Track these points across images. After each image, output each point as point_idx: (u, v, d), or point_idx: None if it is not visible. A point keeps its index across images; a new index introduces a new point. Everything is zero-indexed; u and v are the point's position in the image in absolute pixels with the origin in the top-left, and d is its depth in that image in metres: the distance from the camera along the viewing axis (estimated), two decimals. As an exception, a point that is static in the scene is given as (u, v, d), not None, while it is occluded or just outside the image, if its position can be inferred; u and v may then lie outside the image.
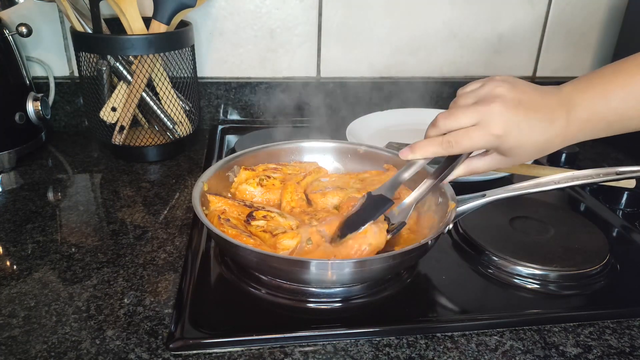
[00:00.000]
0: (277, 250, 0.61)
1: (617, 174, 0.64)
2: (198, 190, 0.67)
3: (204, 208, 0.66)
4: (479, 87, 0.58)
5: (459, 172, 0.63)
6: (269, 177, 0.75)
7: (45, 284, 0.62)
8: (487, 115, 0.55)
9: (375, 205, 0.63)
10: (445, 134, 0.59)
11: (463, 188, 0.70)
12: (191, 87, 0.99)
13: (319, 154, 0.84)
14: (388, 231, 0.62)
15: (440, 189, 0.68)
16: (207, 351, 0.53)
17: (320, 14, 1.10)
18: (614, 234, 0.78)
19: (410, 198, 0.64)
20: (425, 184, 0.63)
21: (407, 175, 0.64)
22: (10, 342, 0.53)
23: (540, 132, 0.56)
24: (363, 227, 0.60)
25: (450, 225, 0.62)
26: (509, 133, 0.55)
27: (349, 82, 1.16)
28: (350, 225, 0.62)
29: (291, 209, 0.70)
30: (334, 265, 0.56)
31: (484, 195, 0.66)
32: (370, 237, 0.59)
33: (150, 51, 0.88)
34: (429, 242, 0.59)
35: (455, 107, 0.59)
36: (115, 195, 0.84)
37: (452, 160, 0.62)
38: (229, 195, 0.73)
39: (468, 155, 0.62)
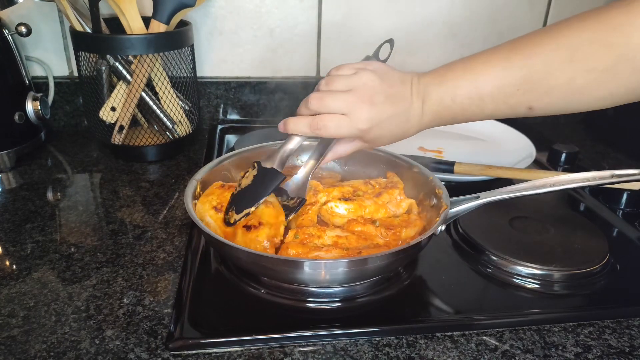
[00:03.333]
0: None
1: (613, 177, 0.64)
2: (191, 189, 0.68)
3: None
4: (352, 74, 0.63)
5: (328, 157, 0.69)
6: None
7: (44, 284, 0.62)
8: (356, 109, 0.61)
9: (268, 179, 0.65)
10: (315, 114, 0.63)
11: (460, 189, 0.70)
12: (191, 87, 0.99)
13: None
14: (288, 207, 0.66)
15: (435, 191, 0.70)
16: (207, 351, 0.53)
17: (320, 14, 1.10)
18: (614, 234, 0.78)
19: (301, 174, 0.69)
20: (309, 164, 0.70)
21: (291, 146, 0.67)
22: (9, 342, 0.53)
23: (398, 126, 0.63)
24: (258, 203, 0.64)
25: (443, 227, 0.62)
26: (372, 128, 0.62)
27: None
28: (245, 200, 0.65)
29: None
30: (327, 265, 0.56)
31: (477, 197, 0.66)
32: (266, 217, 0.63)
33: (149, 51, 0.88)
34: (421, 242, 0.59)
35: (327, 91, 0.63)
36: (114, 195, 0.84)
37: (326, 141, 0.69)
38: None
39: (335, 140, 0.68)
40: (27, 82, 0.98)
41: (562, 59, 0.55)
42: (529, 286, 0.65)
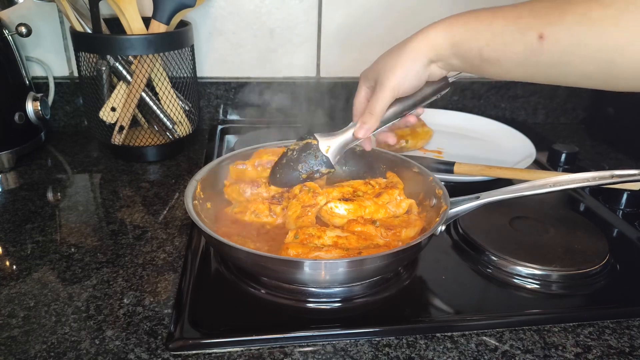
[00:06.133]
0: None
1: (613, 177, 0.64)
2: (191, 189, 0.68)
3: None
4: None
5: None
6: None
7: (44, 284, 0.62)
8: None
9: (317, 163, 0.72)
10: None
11: (460, 189, 0.70)
12: (191, 87, 0.99)
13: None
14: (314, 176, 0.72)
15: (435, 191, 0.70)
16: (207, 351, 0.53)
17: (320, 14, 1.10)
18: (614, 234, 0.78)
19: (338, 141, 0.72)
20: (348, 132, 0.72)
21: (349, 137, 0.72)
22: (9, 342, 0.53)
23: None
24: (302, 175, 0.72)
25: (443, 227, 0.63)
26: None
27: (348, 82, 1.15)
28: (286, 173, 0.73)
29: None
30: (327, 265, 0.56)
31: (477, 197, 0.66)
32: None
33: (149, 51, 0.88)
34: (421, 242, 0.59)
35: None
36: (114, 195, 0.84)
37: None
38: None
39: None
40: (27, 82, 0.98)
41: None
42: (529, 286, 0.65)
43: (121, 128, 0.93)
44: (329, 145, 0.72)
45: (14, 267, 0.65)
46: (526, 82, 1.20)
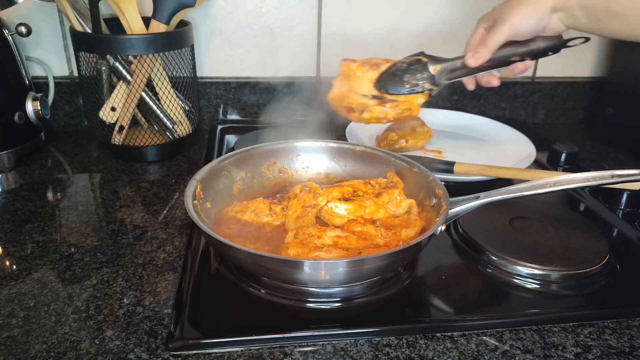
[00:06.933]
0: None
1: (613, 177, 0.64)
2: (191, 189, 0.68)
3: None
4: None
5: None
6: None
7: (44, 284, 0.62)
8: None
9: (420, 71, 0.77)
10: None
11: (460, 189, 0.70)
12: (191, 87, 0.99)
13: (316, 154, 0.84)
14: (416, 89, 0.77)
15: (435, 191, 0.69)
16: (207, 351, 0.53)
17: (320, 14, 1.10)
18: (614, 234, 0.78)
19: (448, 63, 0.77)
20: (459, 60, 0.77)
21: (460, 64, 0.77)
22: (9, 342, 0.53)
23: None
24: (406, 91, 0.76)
25: (443, 227, 0.63)
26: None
27: (348, 82, 1.16)
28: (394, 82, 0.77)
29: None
30: (327, 265, 0.56)
31: (477, 197, 0.66)
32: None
33: (149, 51, 0.88)
34: (421, 242, 0.59)
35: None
36: (114, 195, 0.84)
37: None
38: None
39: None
40: (27, 82, 0.98)
41: None
42: (529, 286, 0.65)
43: (121, 128, 0.93)
44: (437, 66, 0.78)
45: (14, 267, 0.65)
46: (526, 82, 1.21)
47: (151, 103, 0.94)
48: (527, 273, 0.66)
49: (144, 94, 0.93)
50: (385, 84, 0.78)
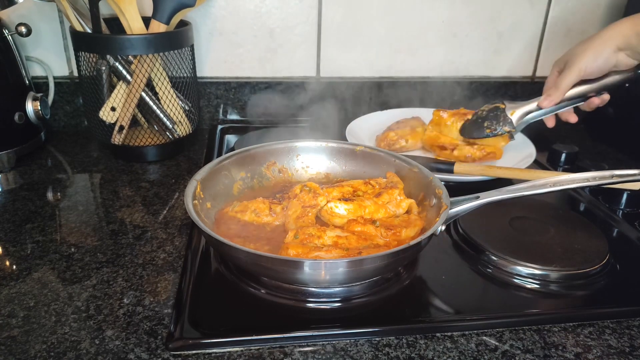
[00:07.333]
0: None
1: (613, 177, 0.64)
2: (191, 189, 0.68)
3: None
4: None
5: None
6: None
7: (44, 284, 0.62)
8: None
9: (499, 117, 0.89)
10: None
11: (460, 189, 0.70)
12: (191, 87, 0.99)
13: (316, 154, 0.84)
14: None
15: (435, 191, 0.69)
16: (207, 351, 0.53)
17: (320, 14, 1.10)
18: (614, 234, 0.78)
19: (522, 110, 0.88)
20: (531, 105, 0.88)
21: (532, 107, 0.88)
22: (9, 342, 0.53)
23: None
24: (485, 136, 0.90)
25: (443, 227, 0.62)
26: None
27: (348, 82, 1.16)
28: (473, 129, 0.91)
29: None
30: (327, 265, 0.56)
31: (477, 198, 0.66)
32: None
33: (149, 51, 0.88)
34: (421, 242, 0.59)
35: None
36: (114, 195, 0.84)
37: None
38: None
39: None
40: (27, 82, 0.98)
41: None
42: (528, 286, 0.65)
43: (121, 128, 0.93)
44: (514, 110, 0.89)
45: (14, 267, 0.65)
46: (526, 82, 1.21)
47: (151, 103, 0.94)
48: (527, 273, 0.66)
49: (144, 94, 0.93)
50: (468, 131, 0.92)
